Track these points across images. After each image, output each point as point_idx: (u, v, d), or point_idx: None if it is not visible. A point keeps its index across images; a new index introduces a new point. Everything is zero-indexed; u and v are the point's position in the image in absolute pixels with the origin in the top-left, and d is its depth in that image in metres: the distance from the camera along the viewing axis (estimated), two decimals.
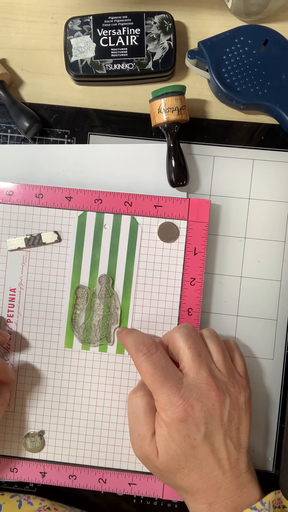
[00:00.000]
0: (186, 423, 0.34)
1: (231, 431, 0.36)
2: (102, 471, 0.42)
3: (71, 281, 0.42)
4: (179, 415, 0.34)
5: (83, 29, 0.43)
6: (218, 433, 0.35)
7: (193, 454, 0.35)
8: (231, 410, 0.36)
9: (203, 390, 0.35)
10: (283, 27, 0.45)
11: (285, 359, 0.43)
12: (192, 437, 0.34)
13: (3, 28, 0.46)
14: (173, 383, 0.35)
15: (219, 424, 0.35)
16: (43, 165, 0.44)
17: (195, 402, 0.35)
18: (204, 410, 0.35)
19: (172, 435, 0.35)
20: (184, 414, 0.34)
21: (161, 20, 0.43)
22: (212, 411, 0.35)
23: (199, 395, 0.35)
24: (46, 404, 0.42)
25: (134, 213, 0.42)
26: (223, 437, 0.35)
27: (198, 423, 0.34)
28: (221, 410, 0.35)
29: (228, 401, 0.36)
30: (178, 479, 0.35)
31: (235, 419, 0.36)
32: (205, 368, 0.36)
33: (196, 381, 0.35)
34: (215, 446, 0.35)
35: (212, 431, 0.35)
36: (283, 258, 0.44)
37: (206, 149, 0.44)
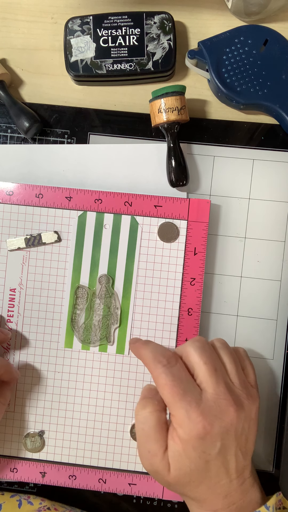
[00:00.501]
0: (204, 440, 0.33)
1: (241, 442, 0.35)
2: (102, 471, 0.42)
3: (71, 281, 0.42)
4: (198, 432, 0.33)
5: (83, 29, 0.43)
6: (231, 446, 0.34)
7: (206, 468, 0.34)
8: (244, 423, 0.35)
9: (222, 406, 0.34)
10: (283, 27, 0.45)
11: (285, 359, 0.43)
12: (207, 452, 0.34)
13: (3, 28, 0.46)
14: (193, 398, 0.34)
15: (234, 439, 0.34)
16: (43, 165, 0.44)
17: (215, 419, 0.33)
18: (222, 426, 0.34)
19: (187, 452, 0.34)
20: (203, 432, 0.33)
21: (161, 20, 0.43)
22: (229, 427, 0.34)
23: (218, 412, 0.34)
24: (46, 404, 0.42)
25: (134, 213, 0.42)
26: (235, 449, 0.34)
27: (215, 440, 0.34)
28: (237, 425, 0.34)
29: (243, 415, 0.35)
30: (187, 490, 0.35)
31: (246, 430, 0.35)
32: (222, 383, 0.35)
33: (214, 397, 0.34)
34: (226, 459, 0.34)
35: (226, 445, 0.34)
36: (283, 258, 0.44)
37: (206, 149, 0.44)
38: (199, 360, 0.35)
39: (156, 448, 0.35)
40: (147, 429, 0.35)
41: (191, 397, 0.34)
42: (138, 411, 0.37)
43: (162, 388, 0.34)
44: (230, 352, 0.38)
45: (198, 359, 0.35)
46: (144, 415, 0.36)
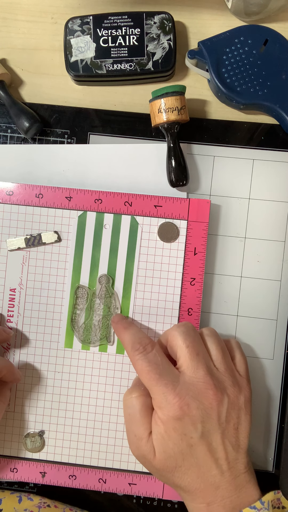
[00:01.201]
0: (182, 421, 0.34)
1: (229, 430, 0.35)
2: (102, 471, 0.42)
3: (71, 281, 0.42)
4: (175, 413, 0.34)
5: (83, 29, 0.43)
6: (215, 432, 0.35)
7: (190, 453, 0.35)
8: (229, 410, 0.35)
9: (200, 388, 0.35)
10: (283, 27, 0.45)
11: (285, 359, 0.43)
12: (189, 435, 0.34)
13: (3, 28, 0.46)
14: (169, 381, 0.35)
15: (217, 423, 0.35)
16: (43, 165, 0.44)
17: (191, 400, 0.34)
18: (201, 408, 0.34)
19: (168, 433, 0.34)
20: (180, 412, 0.34)
21: (161, 20, 0.43)
22: (210, 410, 0.35)
23: (195, 394, 0.35)
24: (46, 404, 0.42)
25: (134, 213, 0.42)
26: (221, 436, 0.35)
27: (195, 421, 0.34)
28: (218, 409, 0.35)
29: (226, 400, 0.35)
30: (176, 478, 0.35)
31: (233, 418, 0.36)
32: (202, 366, 0.36)
33: (193, 380, 0.35)
34: (212, 446, 0.35)
35: (209, 430, 0.35)
36: (283, 258, 0.44)
37: (206, 149, 0.44)
38: (182, 343, 0.36)
39: (141, 431, 0.36)
40: (133, 413, 0.37)
41: (167, 380, 0.35)
42: (125, 396, 0.38)
43: (140, 373, 0.36)
44: (218, 340, 0.38)
45: (181, 342, 0.36)
46: (130, 400, 0.37)
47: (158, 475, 0.37)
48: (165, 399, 0.34)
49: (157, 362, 0.36)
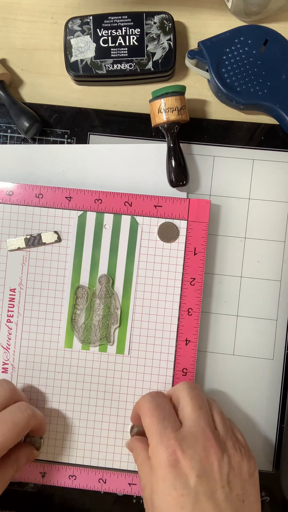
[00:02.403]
0: (172, 469, 0.30)
1: (234, 501, 0.30)
2: (102, 471, 0.42)
3: (71, 281, 0.42)
4: (167, 458, 0.30)
5: (83, 29, 0.43)
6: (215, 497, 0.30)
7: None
8: (230, 474, 0.31)
9: (198, 438, 0.32)
10: (283, 27, 0.45)
11: (285, 359, 0.43)
12: (179, 492, 0.29)
13: (3, 28, 0.46)
14: (169, 426, 0.33)
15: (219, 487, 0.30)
16: (43, 165, 0.44)
17: (187, 447, 0.31)
18: (196, 460, 0.30)
19: (156, 485, 0.30)
20: (172, 458, 0.30)
21: (161, 20, 0.43)
22: (207, 466, 0.30)
23: (193, 441, 0.31)
24: (46, 404, 0.42)
25: (134, 213, 0.42)
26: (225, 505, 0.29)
27: (187, 473, 0.30)
28: (219, 467, 0.31)
29: (227, 460, 0.31)
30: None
31: (237, 488, 0.31)
32: (204, 419, 0.33)
33: (192, 429, 0.32)
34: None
35: (206, 491, 0.30)
36: (283, 258, 0.44)
37: (206, 149, 0.44)
38: (187, 395, 0.35)
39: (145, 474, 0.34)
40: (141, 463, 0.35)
41: (168, 424, 0.33)
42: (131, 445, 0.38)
43: (144, 414, 0.34)
44: (221, 411, 0.36)
45: (186, 394, 0.35)
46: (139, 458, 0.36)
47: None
48: (160, 441, 0.32)
49: (164, 408, 0.34)
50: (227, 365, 0.43)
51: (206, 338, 0.43)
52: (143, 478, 0.34)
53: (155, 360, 0.42)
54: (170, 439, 0.32)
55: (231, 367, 0.43)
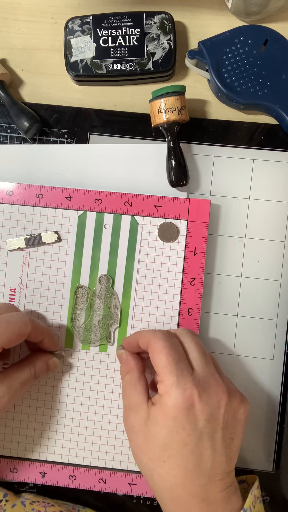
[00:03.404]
0: (186, 412, 0.32)
1: (226, 439, 0.33)
2: (102, 471, 0.42)
3: (71, 281, 0.42)
4: (184, 400, 0.32)
5: (83, 29, 0.43)
6: (214, 437, 0.33)
7: (181, 452, 0.32)
8: (230, 417, 0.34)
9: (211, 383, 0.33)
10: (283, 27, 0.45)
11: (285, 359, 0.43)
12: (187, 431, 0.32)
13: (3, 28, 0.46)
14: (185, 368, 0.33)
15: (220, 428, 0.33)
16: (43, 165, 0.44)
17: (203, 392, 0.33)
18: (209, 404, 0.33)
19: (165, 421, 0.32)
20: (189, 401, 0.32)
21: (161, 20, 0.43)
22: (216, 410, 0.33)
23: (207, 387, 0.33)
24: (46, 404, 0.42)
25: (134, 213, 0.42)
26: (220, 443, 0.33)
27: (198, 417, 0.32)
28: (224, 411, 0.33)
29: (231, 406, 0.34)
30: (156, 475, 0.33)
31: (231, 427, 0.34)
32: (211, 365, 0.35)
33: (205, 374, 0.34)
34: (207, 451, 0.32)
35: (209, 432, 0.33)
36: (283, 258, 0.44)
37: (206, 149, 0.44)
38: (190, 340, 0.36)
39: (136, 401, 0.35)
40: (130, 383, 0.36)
41: (184, 366, 0.34)
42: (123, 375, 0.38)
43: (158, 353, 0.34)
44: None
45: (190, 339, 0.36)
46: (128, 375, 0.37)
47: (140, 461, 0.35)
48: (176, 383, 0.32)
49: (178, 349, 0.35)
50: (227, 365, 0.43)
51: (206, 338, 0.43)
52: (132, 398, 0.35)
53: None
54: (188, 383, 0.33)
55: (231, 367, 0.43)
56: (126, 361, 0.38)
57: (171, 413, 0.32)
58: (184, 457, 0.32)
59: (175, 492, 0.32)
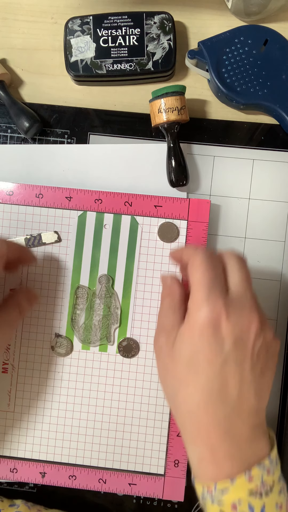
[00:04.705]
0: (212, 330, 0.31)
1: (256, 372, 0.31)
2: (102, 471, 0.42)
3: (71, 281, 0.42)
4: (210, 319, 0.31)
5: (83, 29, 0.43)
6: (243, 366, 0.31)
7: (205, 372, 0.31)
8: (262, 349, 0.32)
9: (244, 307, 0.32)
10: (283, 27, 0.45)
11: (285, 359, 0.43)
12: (212, 351, 0.31)
13: (3, 28, 0.46)
14: (219, 287, 0.32)
15: (249, 356, 0.31)
16: (43, 165, 0.44)
17: (233, 313, 0.31)
18: (238, 327, 0.31)
19: (192, 336, 0.31)
20: (216, 320, 0.31)
21: (161, 20, 0.43)
22: (245, 335, 0.31)
23: (238, 309, 0.32)
24: (46, 404, 0.42)
25: (134, 213, 0.42)
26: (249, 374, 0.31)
27: (225, 339, 0.31)
28: (255, 338, 0.31)
29: (263, 338, 0.32)
30: (179, 395, 0.32)
31: (262, 360, 0.32)
32: (251, 291, 0.33)
33: (240, 297, 0.32)
34: (234, 380, 0.31)
35: (237, 358, 0.31)
36: (283, 258, 0.44)
37: (206, 149, 0.44)
38: (235, 263, 0.34)
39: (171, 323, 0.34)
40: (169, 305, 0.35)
41: (218, 284, 0.32)
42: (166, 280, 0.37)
43: (197, 266, 0.33)
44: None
45: (235, 263, 0.34)
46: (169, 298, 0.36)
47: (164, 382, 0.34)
48: (207, 298, 0.31)
49: (217, 268, 0.33)
50: None
51: None
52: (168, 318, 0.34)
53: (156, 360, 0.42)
54: (218, 300, 0.31)
55: None
56: (169, 285, 0.37)
57: (197, 329, 0.31)
58: (208, 379, 0.31)
59: (197, 416, 0.31)
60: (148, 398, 0.42)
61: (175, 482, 0.41)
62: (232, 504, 0.30)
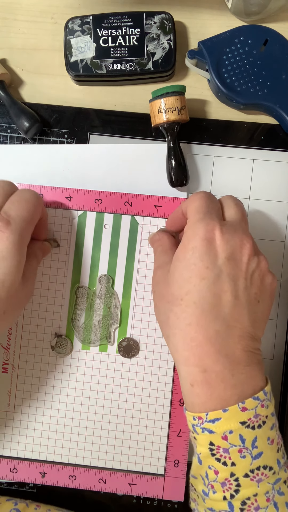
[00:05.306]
0: (206, 243, 0.31)
1: (251, 295, 0.31)
2: (102, 471, 0.42)
3: (71, 281, 0.42)
4: (204, 233, 0.31)
5: (83, 29, 0.43)
6: (236, 283, 0.31)
7: (198, 286, 0.31)
8: (256, 273, 0.32)
9: (238, 230, 0.32)
10: (283, 27, 0.45)
11: (285, 359, 0.43)
12: (205, 263, 0.31)
13: (3, 28, 0.45)
14: (215, 212, 0.33)
15: (242, 276, 0.31)
16: (43, 165, 0.44)
17: (226, 231, 0.32)
18: (231, 245, 0.31)
19: (184, 253, 0.32)
20: (209, 234, 0.31)
21: (161, 20, 0.43)
22: (238, 253, 0.31)
23: (232, 231, 0.32)
24: (46, 404, 0.42)
25: (134, 213, 0.42)
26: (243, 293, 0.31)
27: (218, 253, 0.31)
28: (248, 259, 0.32)
29: (256, 260, 0.32)
30: (172, 315, 0.32)
31: (256, 285, 0.32)
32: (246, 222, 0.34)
33: (236, 223, 0.33)
34: (226, 295, 0.31)
35: (230, 274, 0.31)
36: (283, 258, 0.44)
37: (206, 149, 0.44)
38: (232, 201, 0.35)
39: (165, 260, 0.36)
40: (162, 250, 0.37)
41: (214, 211, 0.33)
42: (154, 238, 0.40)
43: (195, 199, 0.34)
44: None
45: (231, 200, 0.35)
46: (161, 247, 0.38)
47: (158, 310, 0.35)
48: (202, 219, 0.32)
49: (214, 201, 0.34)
50: None
51: None
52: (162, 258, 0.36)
53: (155, 360, 0.42)
54: (213, 220, 0.32)
55: None
56: (159, 238, 0.38)
57: (190, 244, 0.32)
58: (201, 293, 0.31)
59: (189, 333, 0.31)
60: (148, 398, 0.42)
61: (175, 482, 0.41)
62: (223, 434, 0.30)
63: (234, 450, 0.30)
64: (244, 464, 0.30)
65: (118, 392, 0.42)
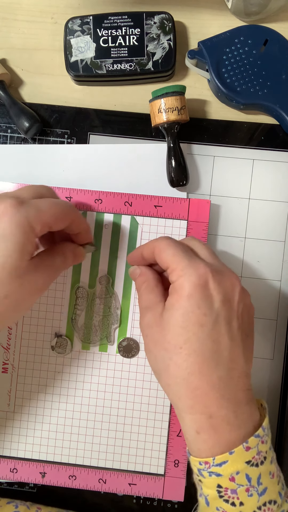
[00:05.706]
0: (200, 289, 0.31)
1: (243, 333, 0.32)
2: (102, 471, 0.42)
3: (71, 281, 0.42)
4: (196, 278, 0.31)
5: (83, 29, 0.43)
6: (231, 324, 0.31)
7: (197, 334, 0.31)
8: (245, 311, 0.33)
9: (224, 270, 0.33)
10: (283, 27, 0.45)
11: (285, 359, 0.43)
12: (202, 311, 0.31)
13: (3, 28, 0.45)
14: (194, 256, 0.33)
15: (235, 317, 0.32)
16: (43, 165, 0.44)
17: (216, 274, 0.32)
18: (223, 286, 0.32)
19: (180, 303, 0.31)
20: (203, 279, 0.31)
21: (161, 20, 0.43)
22: (230, 294, 0.32)
23: (220, 271, 0.32)
24: (46, 404, 0.42)
25: (134, 213, 0.42)
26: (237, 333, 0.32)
27: (214, 296, 0.31)
28: (239, 299, 0.32)
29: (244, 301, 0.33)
30: (172, 365, 0.31)
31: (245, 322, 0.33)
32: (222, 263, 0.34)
33: (217, 264, 0.33)
34: (225, 339, 0.31)
35: (225, 317, 0.31)
36: (283, 258, 0.44)
37: (206, 149, 0.44)
38: (199, 244, 0.35)
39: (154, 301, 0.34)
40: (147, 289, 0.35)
41: (193, 255, 0.33)
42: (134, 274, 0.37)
43: (164, 250, 0.33)
44: None
45: (198, 243, 0.35)
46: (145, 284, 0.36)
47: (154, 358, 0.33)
48: (189, 265, 0.32)
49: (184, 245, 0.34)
50: None
51: None
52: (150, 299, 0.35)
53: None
54: (200, 263, 0.32)
55: None
56: (142, 272, 0.37)
57: (185, 292, 0.31)
58: (201, 340, 0.31)
59: (193, 382, 0.31)
60: (148, 398, 0.42)
61: (175, 482, 0.41)
62: (230, 476, 0.31)
63: (241, 490, 0.31)
64: (252, 502, 0.31)
65: (118, 392, 0.42)
